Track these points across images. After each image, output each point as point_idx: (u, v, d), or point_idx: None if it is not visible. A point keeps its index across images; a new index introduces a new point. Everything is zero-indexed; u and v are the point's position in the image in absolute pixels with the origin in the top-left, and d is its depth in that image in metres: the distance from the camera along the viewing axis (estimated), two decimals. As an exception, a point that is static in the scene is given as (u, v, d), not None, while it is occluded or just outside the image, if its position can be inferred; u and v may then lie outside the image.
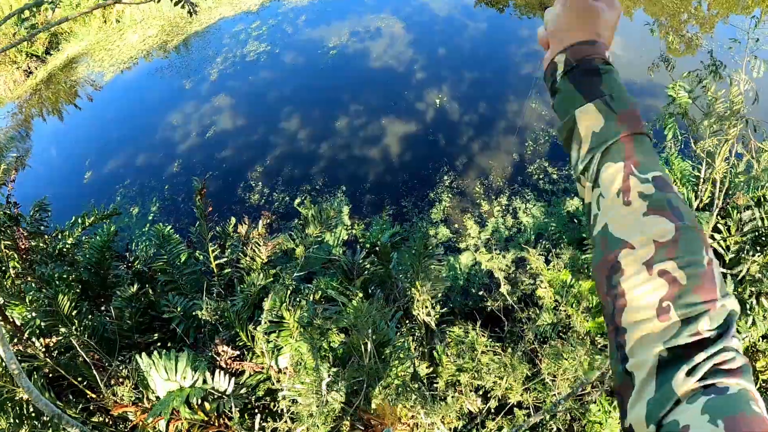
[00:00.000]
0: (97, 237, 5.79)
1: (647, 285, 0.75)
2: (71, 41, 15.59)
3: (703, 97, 4.93)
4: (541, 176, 8.26)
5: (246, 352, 4.45)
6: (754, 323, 4.51)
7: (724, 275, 4.59)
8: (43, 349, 4.66)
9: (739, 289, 4.63)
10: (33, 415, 3.90)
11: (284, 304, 4.22)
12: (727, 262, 4.85)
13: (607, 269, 0.80)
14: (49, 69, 14.75)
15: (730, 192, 5.52)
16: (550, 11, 1.05)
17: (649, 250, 0.76)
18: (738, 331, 4.43)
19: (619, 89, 0.91)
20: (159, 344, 4.98)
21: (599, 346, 4.66)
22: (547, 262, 6.67)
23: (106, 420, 4.47)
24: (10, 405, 3.80)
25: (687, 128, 5.11)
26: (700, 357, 0.68)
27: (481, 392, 4.50)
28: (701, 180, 5.67)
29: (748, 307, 4.56)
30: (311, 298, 4.61)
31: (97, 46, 15.16)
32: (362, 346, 3.73)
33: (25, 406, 3.93)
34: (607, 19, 0.99)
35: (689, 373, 0.68)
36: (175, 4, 4.51)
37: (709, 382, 0.67)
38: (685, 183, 6.05)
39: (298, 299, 4.53)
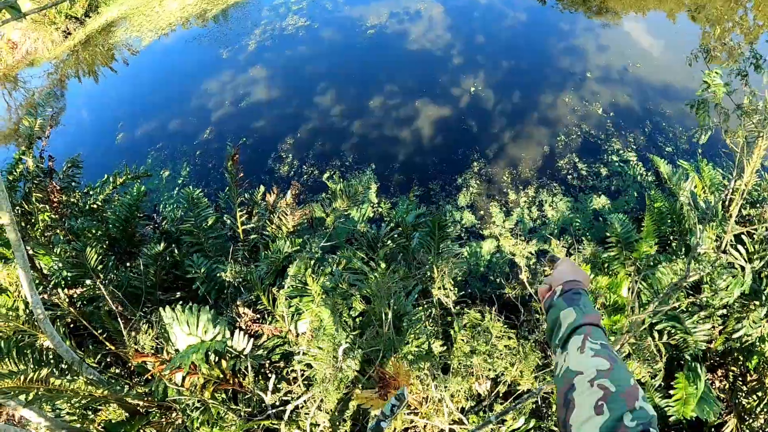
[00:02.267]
0: (127, 196, 5.90)
1: (589, 393, 1.11)
2: (110, 5, 15.74)
3: (740, 92, 4.85)
4: (570, 171, 8.20)
5: (266, 316, 4.51)
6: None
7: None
8: (67, 299, 4.77)
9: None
10: (52, 361, 4.00)
11: (308, 270, 4.27)
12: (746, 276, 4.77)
13: (565, 390, 1.18)
14: (87, 31, 14.91)
15: (758, 206, 5.45)
16: (552, 274, 1.72)
17: (593, 373, 1.15)
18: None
19: (588, 303, 1.48)
20: (181, 302, 5.06)
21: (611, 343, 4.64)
22: (569, 255, 6.65)
23: (123, 372, 4.58)
24: (30, 350, 3.90)
25: (719, 120, 5.01)
26: None
27: (491, 376, 4.52)
28: (730, 190, 5.59)
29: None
30: (336, 267, 4.65)
31: (136, 11, 15.30)
32: (382, 315, 3.77)
33: (45, 352, 4.02)
34: (584, 277, 1.65)
35: None
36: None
37: None
38: (714, 191, 5.98)
39: (322, 268, 4.58)
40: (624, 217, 5.88)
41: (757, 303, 4.42)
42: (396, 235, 5.40)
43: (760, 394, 4.36)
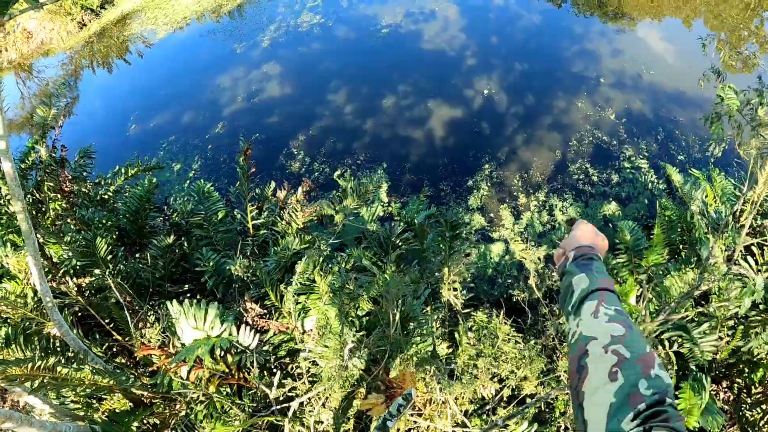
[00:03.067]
0: (138, 188, 5.92)
1: (603, 359, 1.08)
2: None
3: (754, 103, 4.82)
4: (581, 177, 8.16)
5: (273, 312, 4.51)
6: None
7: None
8: (76, 289, 4.79)
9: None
10: (59, 349, 4.02)
11: (317, 268, 4.27)
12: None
13: (578, 356, 1.15)
14: (102, 23, 14.99)
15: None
16: (566, 237, 1.67)
17: (607, 339, 1.12)
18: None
19: (601, 269, 1.45)
20: (189, 295, 5.08)
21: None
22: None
23: (128, 362, 4.60)
24: (37, 338, 3.91)
25: (733, 133, 4.99)
26: (642, 406, 0.94)
27: (496, 379, 4.50)
28: (741, 200, 5.54)
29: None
30: (344, 266, 4.65)
31: (151, 3, 15.37)
32: (390, 316, 3.76)
33: (52, 340, 4.04)
34: (601, 243, 1.61)
35: (634, 418, 0.93)
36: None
37: (648, 425, 0.91)
38: (725, 201, 5.94)
39: (330, 265, 4.58)
40: (634, 224, 5.84)
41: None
42: (409, 237, 5.39)
43: (764, 407, 4.32)
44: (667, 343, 4.39)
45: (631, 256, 5.50)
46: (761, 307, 4.55)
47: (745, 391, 4.66)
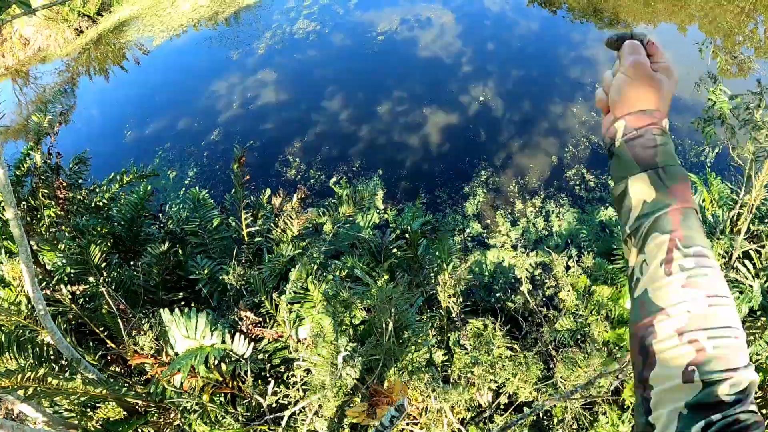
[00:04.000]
0: (133, 195, 5.90)
1: (677, 350, 0.83)
2: (123, 4, 15.82)
3: (747, 104, 4.85)
4: (578, 182, 8.17)
5: (267, 320, 4.50)
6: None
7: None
8: (70, 296, 4.76)
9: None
10: (52, 357, 4.00)
11: (310, 277, 4.26)
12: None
13: (642, 330, 0.89)
14: (99, 30, 14.99)
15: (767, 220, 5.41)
16: (610, 76, 1.12)
17: (682, 319, 0.83)
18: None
19: (672, 162, 0.97)
20: (183, 303, 5.06)
21: (615, 356, 4.61)
22: (567, 268, 6.62)
23: (122, 371, 4.57)
24: (30, 346, 3.89)
25: (726, 136, 5.01)
26: (716, 417, 0.75)
27: (492, 387, 4.49)
28: (738, 204, 5.55)
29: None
30: (338, 273, 4.64)
31: (148, 11, 15.37)
32: (383, 325, 3.75)
33: (45, 348, 4.02)
34: (666, 90, 1.05)
35: (704, 429, 0.75)
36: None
37: None
38: (722, 205, 5.94)
39: (324, 274, 4.57)
40: (630, 229, 5.83)
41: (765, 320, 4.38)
42: (403, 245, 5.38)
43: (764, 411, 4.30)
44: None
45: (627, 261, 5.50)
46: (758, 313, 4.55)
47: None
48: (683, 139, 8.66)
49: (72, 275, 5.00)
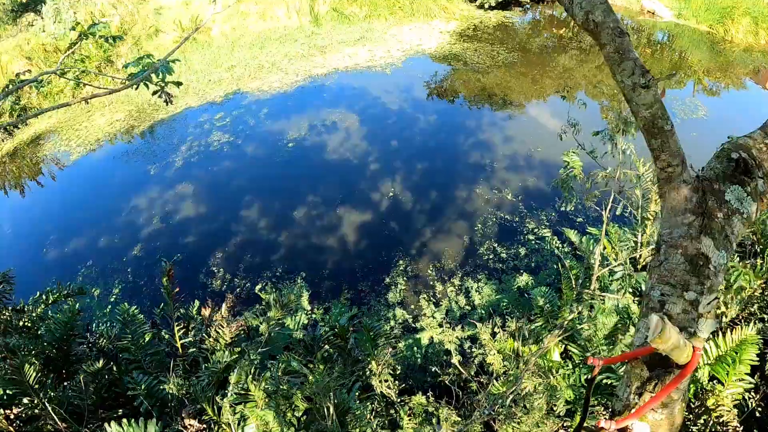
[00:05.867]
0: (59, 314, 5.94)
1: None
2: (40, 117, 15.80)
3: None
4: (491, 256, 8.79)
5: (212, 426, 4.63)
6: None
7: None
8: (5, 419, 4.70)
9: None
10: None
11: (249, 377, 4.47)
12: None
13: None
14: (15, 142, 14.89)
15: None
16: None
17: None
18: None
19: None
20: (125, 419, 5.07)
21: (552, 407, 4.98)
22: (494, 335, 7.03)
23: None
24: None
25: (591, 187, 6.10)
26: None
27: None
28: (638, 244, 6.38)
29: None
30: (276, 371, 4.86)
31: (65, 124, 15.43)
32: (325, 411, 3.99)
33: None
34: None
35: None
36: (153, 94, 4.82)
37: None
38: (622, 249, 6.62)
39: (262, 374, 4.78)
40: (546, 289, 6.47)
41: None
42: (332, 337, 5.67)
43: (705, 418, 4.59)
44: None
45: (547, 318, 6.02)
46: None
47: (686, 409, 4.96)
48: (580, 197, 9.40)
49: (5, 398, 4.96)
